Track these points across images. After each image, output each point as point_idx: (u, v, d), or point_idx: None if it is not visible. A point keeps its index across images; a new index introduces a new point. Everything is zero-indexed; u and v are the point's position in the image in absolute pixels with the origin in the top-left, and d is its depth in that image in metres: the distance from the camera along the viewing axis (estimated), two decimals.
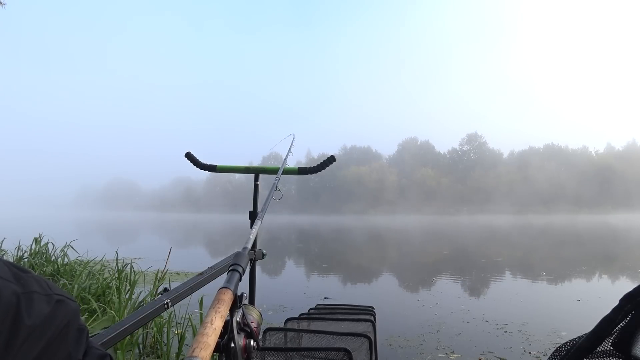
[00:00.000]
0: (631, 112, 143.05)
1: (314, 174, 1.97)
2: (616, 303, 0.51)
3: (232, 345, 0.62)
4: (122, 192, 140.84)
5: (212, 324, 0.53)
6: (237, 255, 0.76)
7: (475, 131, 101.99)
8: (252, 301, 1.75)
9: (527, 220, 47.78)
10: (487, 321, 5.13)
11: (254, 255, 1.69)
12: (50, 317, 0.42)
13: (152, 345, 3.60)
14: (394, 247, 18.09)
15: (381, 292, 7.48)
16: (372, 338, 1.63)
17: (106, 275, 5.03)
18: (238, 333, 0.63)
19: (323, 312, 2.17)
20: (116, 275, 4.55)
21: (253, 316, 0.72)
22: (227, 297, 0.60)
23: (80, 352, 0.47)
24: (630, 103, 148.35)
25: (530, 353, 3.89)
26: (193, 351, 0.48)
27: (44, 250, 6.59)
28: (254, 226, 1.14)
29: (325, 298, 6.48)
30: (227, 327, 0.62)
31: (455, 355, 3.83)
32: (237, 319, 0.64)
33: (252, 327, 0.67)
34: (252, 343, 0.65)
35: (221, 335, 0.60)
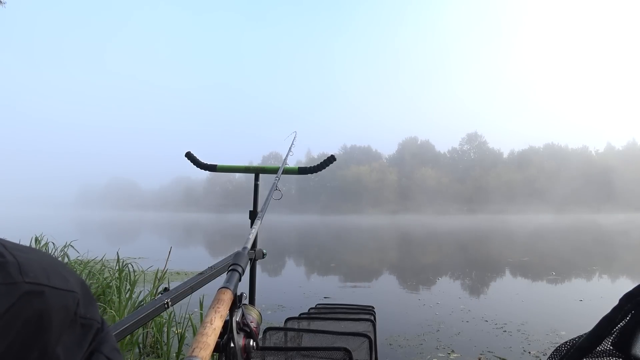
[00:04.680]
0: (631, 112, 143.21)
1: (314, 174, 1.98)
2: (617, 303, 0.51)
3: (232, 345, 0.62)
4: (122, 191, 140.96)
5: (211, 324, 0.54)
6: (237, 255, 0.76)
7: (475, 131, 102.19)
8: (252, 301, 1.75)
9: (529, 220, 47.78)
10: (486, 321, 5.13)
11: (254, 255, 1.69)
12: (10, 313, 0.32)
13: (152, 344, 3.60)
14: (412, 248, 18.09)
15: (381, 292, 7.48)
16: (372, 337, 1.63)
17: (106, 274, 5.03)
18: (237, 333, 0.64)
19: (323, 311, 2.18)
20: (116, 274, 4.56)
21: (253, 316, 0.72)
22: (227, 297, 0.60)
23: (76, 352, 0.37)
24: (630, 102, 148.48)
25: (529, 353, 3.89)
26: (193, 351, 0.48)
27: (44, 250, 6.60)
28: (253, 226, 1.14)
29: (325, 297, 6.48)
30: (226, 327, 0.62)
31: (455, 355, 3.83)
32: (237, 319, 0.64)
33: (252, 327, 0.67)
34: (251, 343, 0.66)
35: (221, 335, 0.60)
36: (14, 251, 0.35)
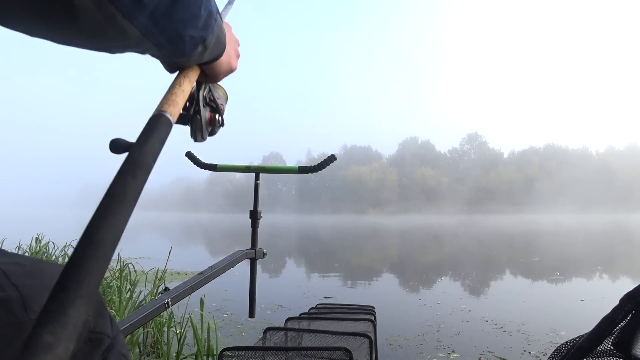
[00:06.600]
0: (632, 112, 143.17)
1: (315, 173, 1.97)
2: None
3: (198, 117, 0.64)
4: None
5: (180, 86, 0.51)
6: None
7: (475, 131, 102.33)
8: (252, 301, 1.74)
9: (530, 220, 47.77)
10: (486, 321, 5.13)
11: (254, 255, 1.68)
12: None
13: (152, 344, 3.61)
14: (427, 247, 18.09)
15: (381, 291, 7.48)
16: (373, 337, 1.63)
17: (107, 274, 5.03)
18: (204, 107, 0.65)
19: (323, 311, 2.18)
20: (117, 274, 4.56)
21: (219, 93, 0.72)
22: (195, 70, 0.55)
23: None
24: (631, 103, 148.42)
25: (530, 353, 3.88)
26: (162, 106, 0.46)
27: (44, 250, 6.60)
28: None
29: (325, 297, 6.48)
30: (192, 101, 0.63)
31: (455, 355, 3.83)
32: (204, 94, 0.65)
33: (218, 102, 0.69)
34: (217, 117, 0.68)
35: (187, 109, 0.63)
36: (17, 279, 0.31)
